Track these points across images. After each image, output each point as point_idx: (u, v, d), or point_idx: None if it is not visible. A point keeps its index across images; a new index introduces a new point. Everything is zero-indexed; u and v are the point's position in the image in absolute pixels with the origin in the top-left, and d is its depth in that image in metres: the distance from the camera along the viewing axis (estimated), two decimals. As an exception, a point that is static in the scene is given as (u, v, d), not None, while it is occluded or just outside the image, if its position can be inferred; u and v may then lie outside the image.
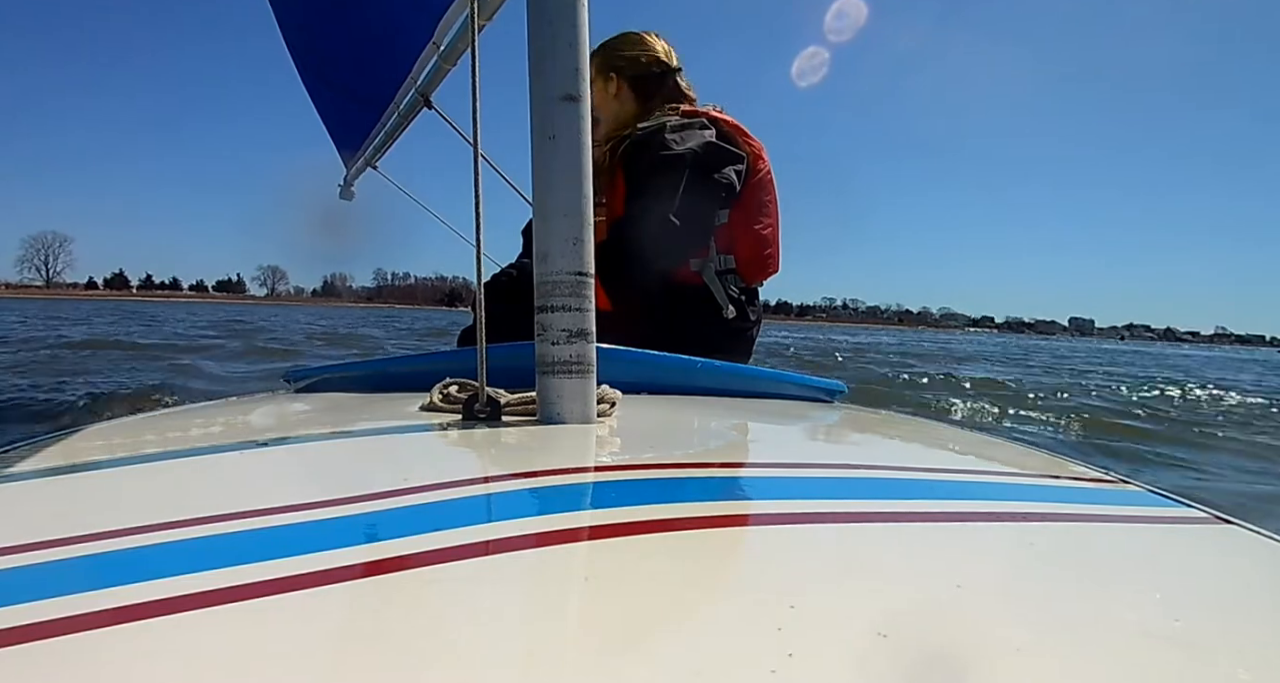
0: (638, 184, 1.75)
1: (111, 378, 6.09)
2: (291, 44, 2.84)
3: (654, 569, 0.43)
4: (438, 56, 2.18)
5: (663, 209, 1.70)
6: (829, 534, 0.52)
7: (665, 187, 1.71)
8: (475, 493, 0.57)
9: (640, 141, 1.79)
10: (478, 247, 0.92)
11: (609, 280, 1.65)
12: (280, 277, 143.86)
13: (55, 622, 0.34)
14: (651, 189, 1.72)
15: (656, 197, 1.71)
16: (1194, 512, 0.67)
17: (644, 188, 1.73)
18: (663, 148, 1.74)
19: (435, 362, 1.32)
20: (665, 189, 1.71)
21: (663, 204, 1.70)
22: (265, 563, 0.40)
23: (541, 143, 0.90)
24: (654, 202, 1.71)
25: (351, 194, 3.34)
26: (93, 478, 0.66)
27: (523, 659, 0.32)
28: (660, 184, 1.71)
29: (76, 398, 4.71)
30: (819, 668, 0.32)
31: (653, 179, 1.73)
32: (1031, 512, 0.62)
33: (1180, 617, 0.40)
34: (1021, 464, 0.93)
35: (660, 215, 1.70)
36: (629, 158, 1.80)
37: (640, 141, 1.79)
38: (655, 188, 1.71)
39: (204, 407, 1.38)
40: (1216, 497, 3.29)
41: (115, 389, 5.27)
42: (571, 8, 0.90)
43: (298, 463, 0.75)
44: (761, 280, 1.97)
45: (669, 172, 1.72)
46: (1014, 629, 0.38)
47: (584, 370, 0.88)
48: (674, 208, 1.70)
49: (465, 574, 0.41)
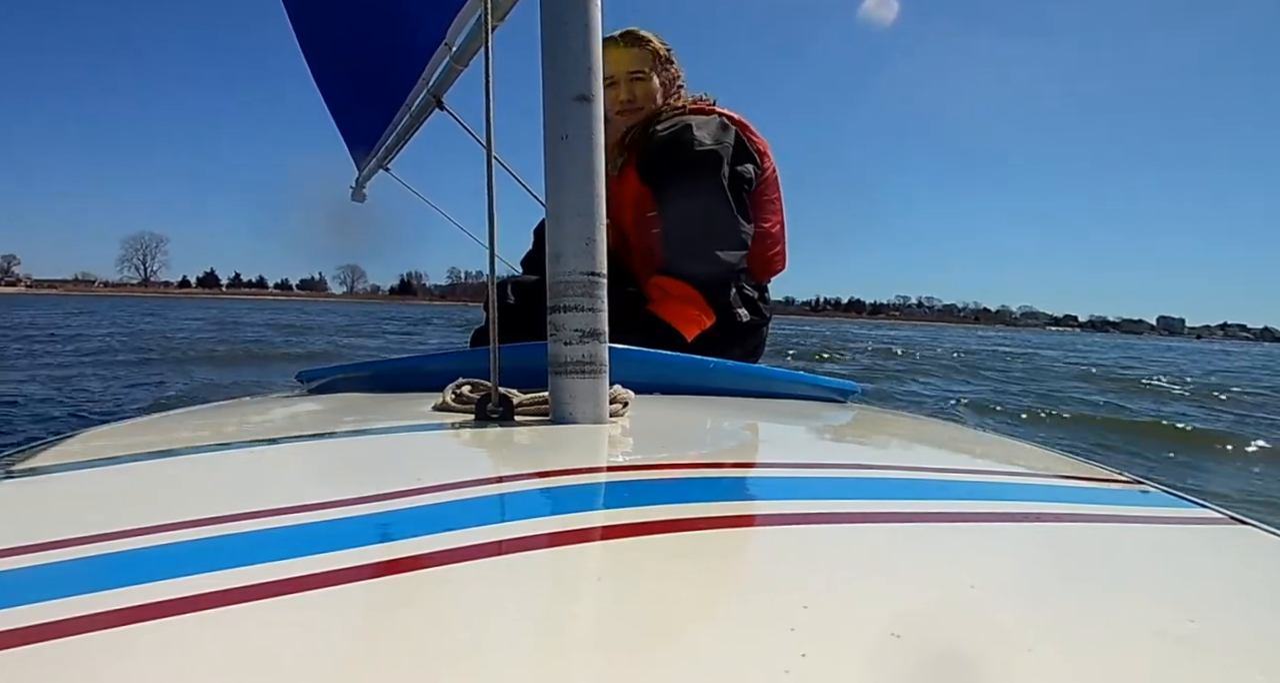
0: (679, 182, 1.75)
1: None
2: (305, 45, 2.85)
3: (667, 569, 0.43)
4: (450, 57, 2.19)
5: (720, 203, 1.72)
6: (842, 535, 0.51)
7: (714, 183, 1.72)
8: (488, 493, 0.57)
9: (666, 140, 1.78)
10: (490, 247, 0.92)
11: (710, 292, 1.70)
12: (359, 275, 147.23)
13: (69, 621, 0.34)
14: (704, 186, 1.72)
15: (712, 192, 1.72)
16: (1209, 513, 0.67)
17: (695, 185, 1.73)
18: (696, 144, 1.74)
19: (448, 362, 1.32)
20: (715, 185, 1.72)
21: (718, 199, 1.72)
22: (278, 563, 0.41)
23: (554, 143, 0.90)
24: (710, 197, 1.72)
25: (363, 196, 3.36)
26: (106, 478, 0.67)
27: (536, 659, 0.32)
28: (709, 182, 1.72)
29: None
30: (832, 668, 0.32)
31: (700, 176, 1.73)
32: (1045, 512, 0.62)
33: (1195, 618, 0.40)
34: (1035, 465, 0.93)
35: (721, 209, 1.72)
36: (656, 156, 1.79)
37: (666, 140, 1.78)
38: (706, 185, 1.72)
39: (217, 407, 1.39)
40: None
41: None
42: (584, 8, 0.90)
43: (310, 463, 0.76)
44: (769, 278, 1.98)
45: (713, 168, 1.73)
46: (1027, 630, 0.38)
47: (596, 371, 0.88)
48: (728, 201, 1.72)
49: (478, 574, 0.41)
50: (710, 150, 1.73)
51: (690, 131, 1.75)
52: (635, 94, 1.89)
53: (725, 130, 1.79)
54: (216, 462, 0.72)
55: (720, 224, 1.72)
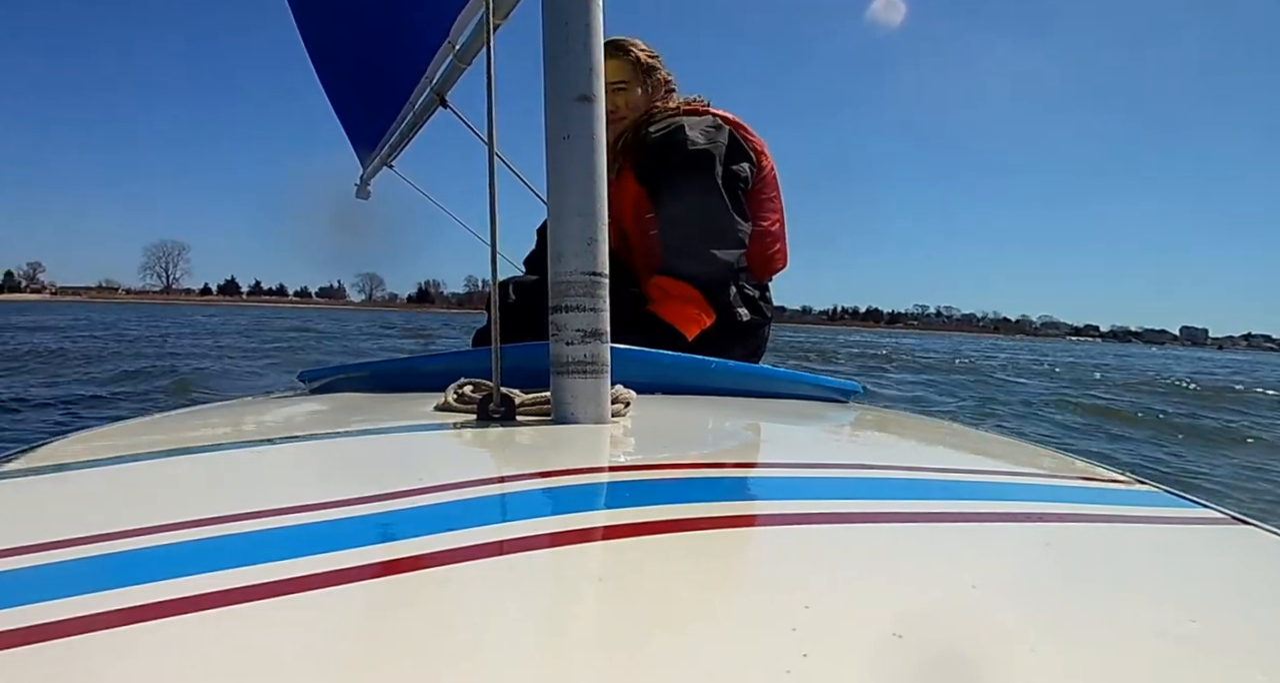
0: (674, 182, 1.76)
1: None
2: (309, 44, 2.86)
3: (668, 569, 0.43)
4: (453, 56, 2.19)
5: (715, 202, 1.72)
6: (843, 535, 0.51)
7: (708, 182, 1.73)
8: (490, 493, 0.57)
9: (659, 141, 1.79)
10: (493, 246, 0.92)
11: (710, 291, 1.70)
12: (377, 283, 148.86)
13: (70, 621, 0.34)
14: (698, 186, 1.73)
15: (707, 191, 1.72)
16: (1211, 513, 0.67)
17: (689, 185, 1.74)
18: (689, 144, 1.74)
19: (450, 362, 1.32)
20: (709, 184, 1.73)
21: (714, 197, 1.72)
22: (279, 563, 0.41)
23: (556, 143, 0.90)
24: (705, 196, 1.72)
25: (368, 193, 3.36)
26: (107, 478, 0.67)
27: (537, 659, 0.32)
28: (704, 181, 1.73)
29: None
30: (834, 668, 0.32)
31: (694, 176, 1.74)
32: (1047, 512, 0.62)
33: (1196, 618, 0.40)
34: (1037, 465, 0.93)
35: (717, 208, 1.72)
36: (649, 157, 1.80)
37: (659, 141, 1.79)
38: (700, 185, 1.73)
39: (219, 407, 1.39)
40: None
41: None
42: (585, 8, 0.90)
43: (312, 463, 0.76)
44: (770, 277, 1.98)
45: (707, 167, 1.74)
46: (1029, 630, 0.38)
47: (598, 371, 0.88)
48: (724, 200, 1.73)
49: (480, 574, 0.41)
50: (703, 150, 1.74)
51: (683, 132, 1.76)
52: (617, 104, 1.90)
53: (718, 130, 1.80)
54: (218, 462, 0.72)
55: (716, 223, 1.72)
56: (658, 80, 1.95)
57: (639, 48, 1.94)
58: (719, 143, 1.77)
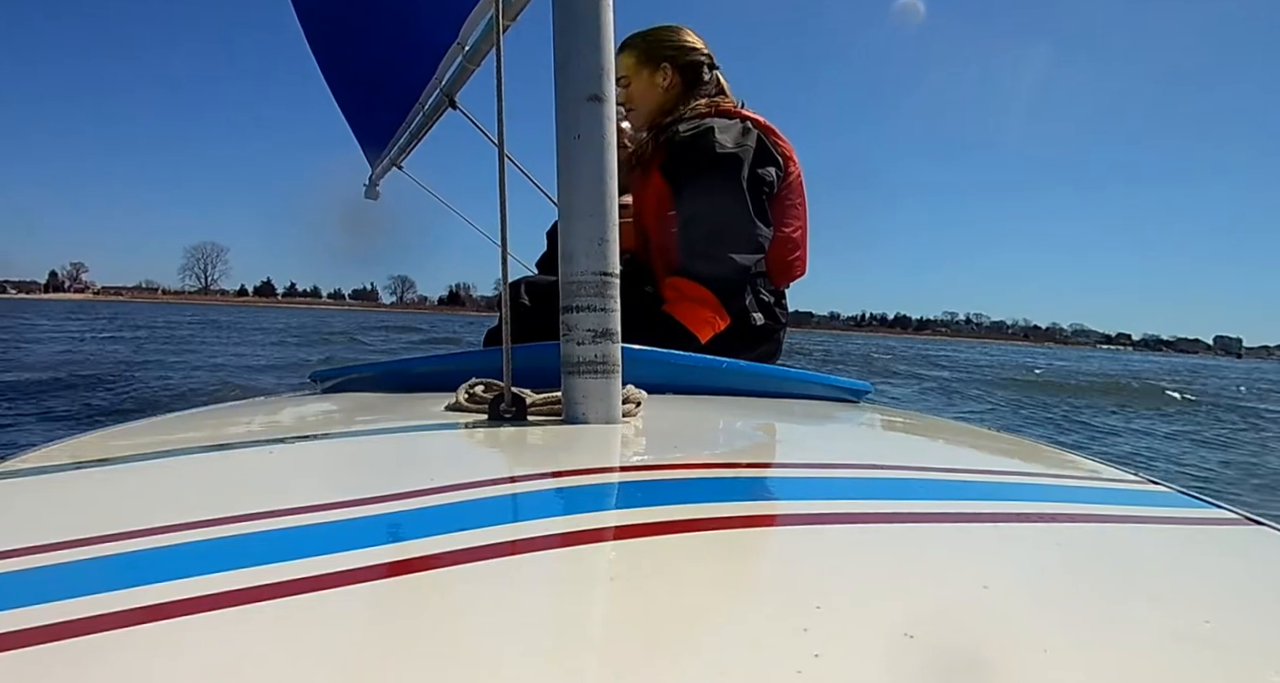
0: (697, 183, 1.75)
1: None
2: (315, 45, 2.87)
3: (680, 570, 0.43)
4: (462, 57, 2.20)
5: (737, 205, 1.72)
6: (855, 535, 0.51)
7: (732, 185, 1.73)
8: (500, 493, 0.57)
9: (687, 141, 1.78)
10: (503, 246, 0.92)
11: (725, 294, 1.70)
12: (409, 286, 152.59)
13: (80, 621, 0.34)
14: (721, 188, 1.73)
15: (729, 194, 1.72)
16: (1224, 513, 0.66)
17: (712, 187, 1.74)
18: (717, 147, 1.74)
19: (461, 362, 1.32)
20: (732, 187, 1.72)
21: (735, 200, 1.72)
22: (290, 563, 0.41)
23: (567, 143, 0.90)
24: (727, 199, 1.72)
25: (377, 194, 3.38)
26: (119, 478, 0.68)
27: (549, 659, 0.33)
28: (727, 184, 1.73)
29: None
30: (845, 669, 0.32)
31: (718, 178, 1.73)
32: (1059, 512, 0.62)
33: (1210, 619, 0.40)
34: (1048, 465, 0.92)
35: (738, 211, 1.72)
36: (676, 156, 1.79)
37: (687, 141, 1.78)
38: (723, 187, 1.73)
39: (231, 407, 1.40)
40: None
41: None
42: (596, 8, 0.90)
43: (323, 463, 0.76)
44: (788, 283, 1.96)
45: (732, 170, 1.73)
46: (1041, 630, 0.37)
47: (609, 370, 0.88)
48: (746, 203, 1.72)
49: (491, 574, 0.41)
50: (731, 153, 1.73)
51: (712, 134, 1.75)
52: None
53: (747, 133, 1.79)
54: (230, 461, 0.73)
55: (735, 225, 1.72)
56: (678, 69, 1.93)
57: (644, 40, 1.94)
58: (746, 147, 1.76)
